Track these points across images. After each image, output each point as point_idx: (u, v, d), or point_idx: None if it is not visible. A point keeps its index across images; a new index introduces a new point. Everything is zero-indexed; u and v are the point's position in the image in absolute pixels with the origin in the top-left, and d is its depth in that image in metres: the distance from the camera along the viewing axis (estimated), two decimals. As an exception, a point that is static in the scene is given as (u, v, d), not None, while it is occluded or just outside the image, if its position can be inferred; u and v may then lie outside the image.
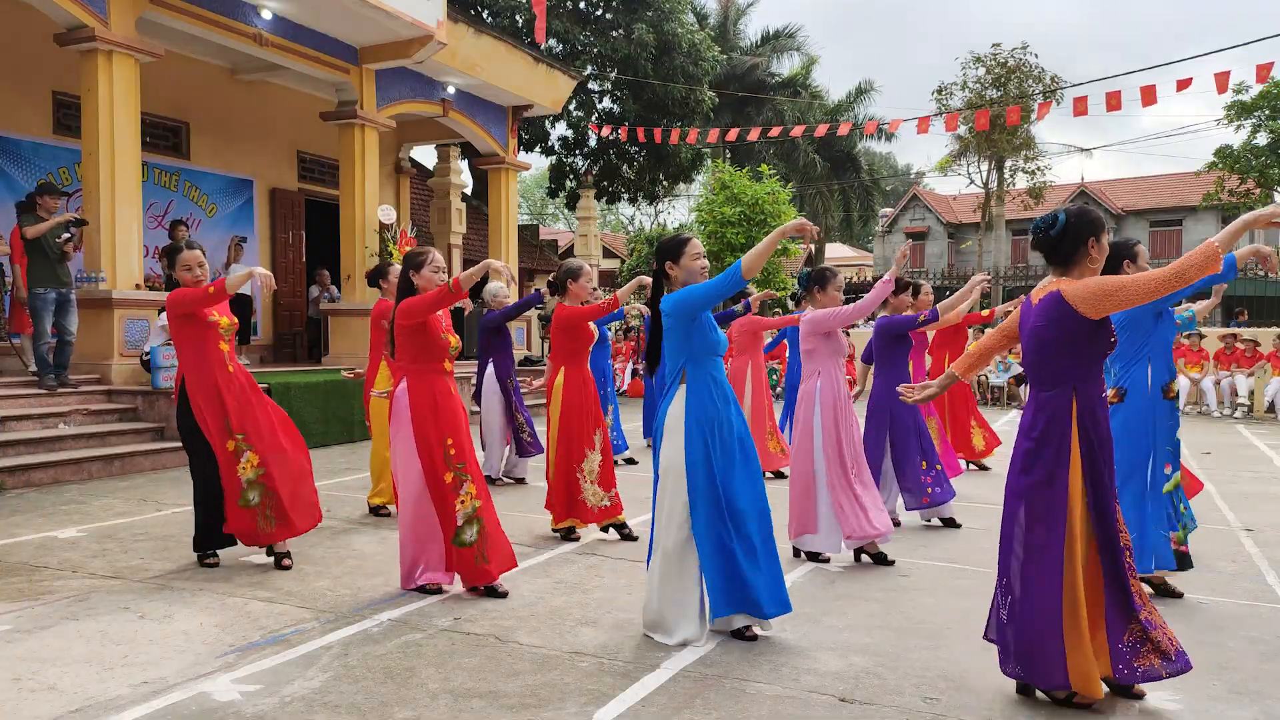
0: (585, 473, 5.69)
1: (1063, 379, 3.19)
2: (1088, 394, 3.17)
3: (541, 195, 47.61)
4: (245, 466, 4.98)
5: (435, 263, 4.56)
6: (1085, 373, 3.18)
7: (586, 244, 22.09)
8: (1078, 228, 3.17)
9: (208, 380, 4.96)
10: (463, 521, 4.44)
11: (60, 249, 8.75)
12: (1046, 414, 3.20)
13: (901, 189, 47.22)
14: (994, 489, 7.84)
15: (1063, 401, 3.17)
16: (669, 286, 4.05)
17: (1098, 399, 3.20)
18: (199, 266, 5.05)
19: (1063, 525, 3.14)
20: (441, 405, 4.48)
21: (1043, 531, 3.17)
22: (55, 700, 3.29)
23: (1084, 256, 3.18)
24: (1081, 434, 3.15)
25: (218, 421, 4.96)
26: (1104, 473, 3.18)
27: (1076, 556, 3.13)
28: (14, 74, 11.13)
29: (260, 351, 14.55)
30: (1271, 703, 3.34)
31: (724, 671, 3.59)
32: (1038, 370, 3.25)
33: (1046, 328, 3.17)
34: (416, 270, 4.55)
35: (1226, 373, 15.00)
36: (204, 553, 5.15)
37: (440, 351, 4.54)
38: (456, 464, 4.46)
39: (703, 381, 3.93)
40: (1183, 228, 36.80)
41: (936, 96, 25.63)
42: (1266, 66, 15.06)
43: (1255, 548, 5.77)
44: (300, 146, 15.31)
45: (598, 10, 23.52)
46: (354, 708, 3.23)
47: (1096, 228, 3.18)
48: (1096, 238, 3.18)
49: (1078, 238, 3.17)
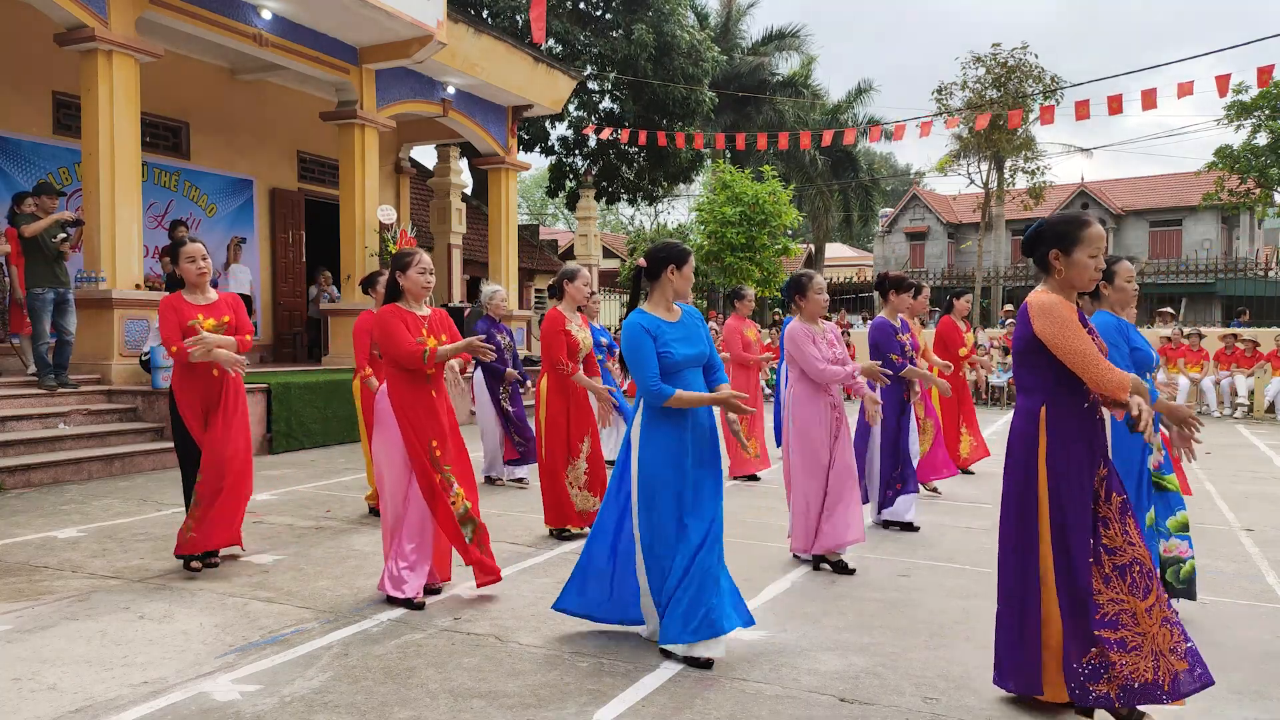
0: (570, 479, 5.72)
1: (1031, 388, 3.14)
2: (1058, 409, 3.06)
3: (541, 195, 47.60)
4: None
5: (421, 264, 4.46)
6: (1052, 386, 3.07)
7: (586, 244, 22.07)
8: (1041, 238, 3.10)
9: (194, 384, 4.98)
10: (460, 521, 4.43)
11: (57, 249, 8.75)
12: (1019, 420, 3.16)
13: (901, 189, 47.22)
14: (994, 489, 7.84)
15: (1033, 411, 3.11)
16: (648, 293, 3.93)
17: (1074, 415, 3.06)
18: (203, 259, 5.06)
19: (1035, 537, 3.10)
20: (424, 409, 4.37)
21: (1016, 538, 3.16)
22: (55, 700, 3.29)
23: (1049, 268, 3.08)
24: (1049, 451, 3.06)
25: (198, 425, 4.99)
26: (1074, 492, 3.03)
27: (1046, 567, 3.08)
28: (14, 74, 11.13)
29: (260, 351, 14.54)
30: (1271, 703, 3.34)
31: (724, 671, 3.59)
32: (1016, 376, 3.22)
33: (1018, 335, 3.14)
34: (403, 272, 4.44)
35: (1226, 373, 14.99)
36: (192, 557, 5.04)
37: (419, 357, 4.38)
38: (444, 465, 4.41)
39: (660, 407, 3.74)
40: (1182, 228, 36.78)
41: (936, 96, 25.62)
42: (1268, 69, 15.05)
43: (1255, 548, 5.77)
44: (300, 146, 15.31)
45: (598, 10, 23.52)
46: (354, 708, 3.23)
47: (1062, 240, 3.04)
48: (1062, 250, 3.03)
49: (1041, 248, 3.09)
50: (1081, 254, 3.02)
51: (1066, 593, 3.04)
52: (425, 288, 4.48)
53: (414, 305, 4.50)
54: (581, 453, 5.74)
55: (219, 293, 5.22)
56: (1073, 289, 3.09)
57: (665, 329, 3.81)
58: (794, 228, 19.37)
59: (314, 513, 6.64)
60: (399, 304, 4.47)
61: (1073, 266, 3.04)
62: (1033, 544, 3.11)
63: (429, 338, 4.40)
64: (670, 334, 3.80)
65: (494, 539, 5.83)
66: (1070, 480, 3.05)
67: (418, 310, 4.49)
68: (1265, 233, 40.00)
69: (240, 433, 5.10)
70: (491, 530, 6.08)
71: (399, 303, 4.48)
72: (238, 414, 5.10)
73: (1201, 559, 5.18)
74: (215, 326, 5.00)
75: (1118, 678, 2.93)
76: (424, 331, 4.41)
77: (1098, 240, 3.02)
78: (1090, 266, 3.02)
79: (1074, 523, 3.03)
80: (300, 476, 8.25)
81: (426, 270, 4.48)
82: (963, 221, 40.70)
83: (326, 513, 6.62)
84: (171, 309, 4.95)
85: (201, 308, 5.03)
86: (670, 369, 3.76)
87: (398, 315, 4.39)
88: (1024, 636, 3.16)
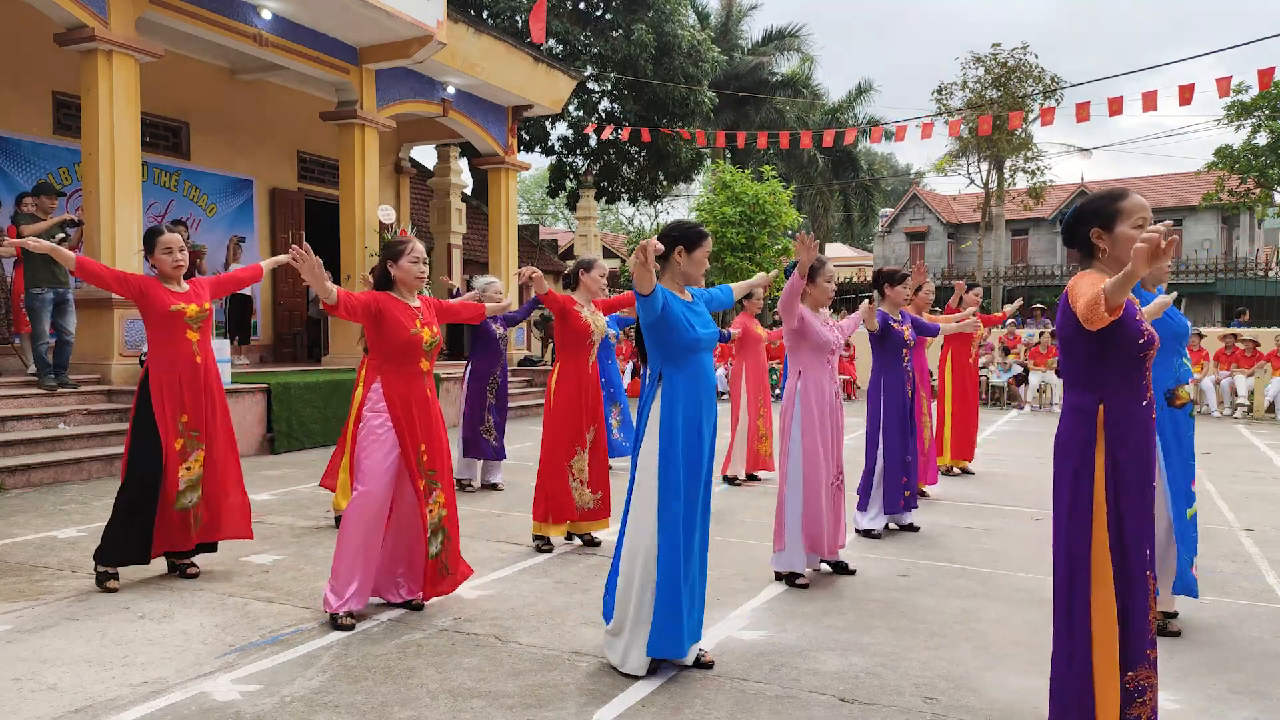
0: (575, 472, 5.55)
1: (1082, 383, 2.88)
2: (1115, 403, 2.82)
3: (541, 195, 47.61)
4: (193, 465, 4.80)
5: (414, 253, 4.28)
6: (1103, 379, 2.82)
7: (586, 244, 22.07)
8: (1081, 219, 2.94)
9: (172, 373, 4.76)
10: (430, 531, 4.24)
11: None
12: (1070, 421, 2.90)
13: (901, 189, 47.24)
14: (994, 490, 7.84)
15: (1086, 410, 2.84)
16: (663, 274, 3.79)
17: (1132, 410, 2.83)
18: (180, 250, 4.84)
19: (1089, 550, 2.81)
20: (417, 409, 4.23)
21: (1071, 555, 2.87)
22: (55, 700, 3.29)
23: (1094, 249, 2.89)
24: (1108, 449, 2.81)
25: (174, 416, 4.74)
26: (1136, 496, 2.82)
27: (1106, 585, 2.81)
28: (14, 74, 11.13)
29: (260, 351, 14.56)
30: (1271, 703, 3.34)
31: (724, 671, 3.59)
32: (1063, 370, 3.01)
33: (1060, 324, 2.94)
34: (395, 261, 4.28)
35: (1226, 373, 14.99)
36: (108, 570, 4.69)
37: (411, 349, 4.22)
38: (429, 470, 4.25)
39: (679, 384, 3.64)
40: (1182, 228, 36.80)
41: (936, 97, 25.64)
42: (1268, 70, 15.05)
43: (1255, 548, 5.77)
44: (300, 146, 15.32)
45: (598, 10, 23.52)
46: (354, 708, 3.23)
47: (1101, 216, 2.86)
48: (1103, 227, 2.85)
49: (1081, 229, 2.93)
50: (1125, 226, 2.82)
51: (1122, 609, 2.80)
52: (418, 278, 4.31)
53: (405, 295, 4.34)
54: (587, 443, 5.60)
55: (189, 281, 5.00)
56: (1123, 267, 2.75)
57: (685, 307, 3.71)
58: (794, 228, 19.35)
59: (314, 513, 6.64)
60: (391, 293, 4.31)
61: (1118, 242, 2.83)
62: (1086, 559, 2.82)
63: (423, 328, 4.26)
64: (690, 312, 3.70)
65: (493, 539, 5.85)
66: (1131, 486, 2.81)
67: (409, 300, 4.34)
68: (1265, 233, 40.00)
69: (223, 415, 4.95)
70: (490, 530, 6.11)
71: (391, 292, 4.32)
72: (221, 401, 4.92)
73: (1202, 559, 5.18)
74: (198, 312, 4.84)
75: (1150, 701, 2.80)
76: (418, 323, 4.25)
77: (1139, 210, 2.82)
78: (1137, 239, 2.70)
79: (1133, 533, 2.80)
80: (300, 476, 8.25)
81: (420, 259, 4.31)
82: (963, 221, 40.73)
83: (326, 513, 6.62)
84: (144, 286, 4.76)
85: (180, 295, 4.84)
86: (689, 347, 3.65)
87: (390, 301, 4.24)
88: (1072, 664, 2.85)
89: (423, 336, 4.24)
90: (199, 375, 4.85)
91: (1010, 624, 4.18)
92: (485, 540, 5.81)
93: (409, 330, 4.20)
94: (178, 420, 4.77)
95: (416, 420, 4.23)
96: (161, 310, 4.76)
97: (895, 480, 6.00)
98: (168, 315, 4.77)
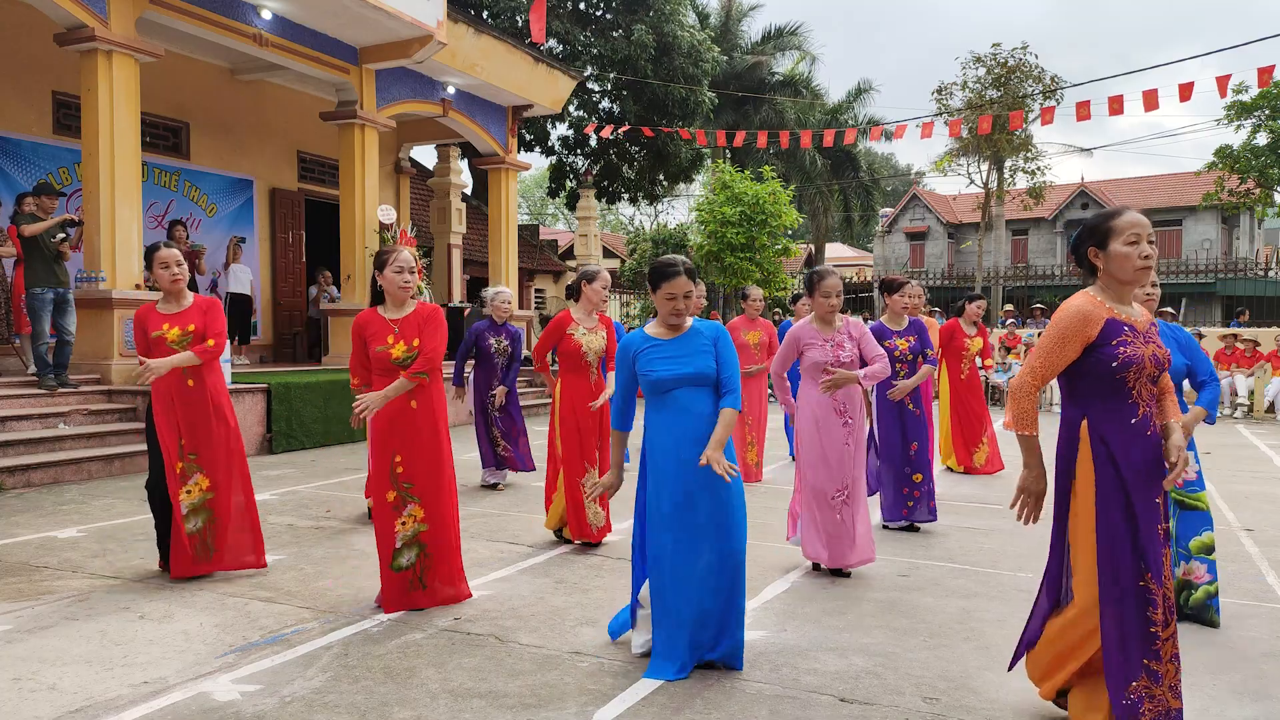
0: (585, 489, 5.48)
1: (1067, 398, 3.03)
2: (1100, 419, 2.92)
3: (541, 195, 47.62)
4: (193, 489, 4.80)
5: (398, 262, 4.26)
6: (1084, 396, 2.95)
7: (586, 244, 22.06)
8: (1079, 236, 3.06)
9: (165, 395, 4.78)
10: (401, 544, 4.25)
11: (56, 249, 8.76)
12: (1061, 430, 3.03)
13: (901, 189, 47.23)
14: (994, 491, 7.84)
15: (1073, 422, 2.98)
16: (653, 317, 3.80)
17: (1122, 425, 2.90)
18: (177, 265, 4.84)
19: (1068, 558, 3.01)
20: (396, 420, 4.25)
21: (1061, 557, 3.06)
22: (55, 700, 3.29)
23: (1093, 267, 3.00)
24: (1097, 463, 2.90)
25: (171, 438, 4.77)
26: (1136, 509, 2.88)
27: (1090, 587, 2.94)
28: (14, 74, 11.13)
29: (260, 351, 14.55)
30: (1271, 703, 3.34)
31: (724, 671, 3.59)
32: (1058, 382, 3.10)
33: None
34: (380, 270, 4.29)
35: (1226, 373, 14.99)
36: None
37: (384, 364, 4.26)
38: (403, 483, 4.24)
39: (659, 422, 3.64)
40: (1182, 228, 36.79)
41: (936, 97, 25.63)
42: (1268, 69, 15.05)
43: (1255, 548, 5.77)
44: (300, 146, 15.31)
45: (598, 10, 23.52)
46: (354, 708, 3.23)
47: (1095, 235, 2.96)
48: (1098, 245, 2.95)
49: (1082, 249, 3.04)
50: (1117, 244, 2.90)
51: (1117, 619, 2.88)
52: (403, 288, 4.28)
53: (391, 308, 4.36)
54: (595, 461, 5.54)
55: (196, 297, 5.00)
56: (1120, 284, 2.95)
57: (651, 348, 3.64)
58: (794, 228, 19.33)
59: (314, 513, 6.64)
60: (379, 309, 4.38)
61: (1112, 259, 2.92)
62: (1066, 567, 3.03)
63: (396, 343, 4.25)
64: (656, 353, 3.63)
65: (494, 539, 5.85)
66: (1125, 501, 2.89)
67: (393, 314, 4.34)
68: (1265, 233, 40.02)
69: (233, 438, 4.92)
70: (491, 530, 6.11)
71: (380, 307, 4.39)
72: (222, 422, 4.89)
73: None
74: (180, 336, 4.79)
75: (1151, 712, 2.87)
76: (390, 339, 4.26)
77: (1130, 227, 2.89)
78: (1131, 255, 2.87)
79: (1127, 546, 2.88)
80: (300, 476, 8.25)
81: (404, 269, 4.28)
82: (963, 221, 40.71)
83: (326, 513, 6.62)
84: (139, 324, 4.83)
85: (169, 317, 4.83)
86: (655, 388, 3.62)
87: (371, 321, 4.34)
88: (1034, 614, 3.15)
89: (392, 353, 4.26)
90: (191, 397, 4.83)
91: (1010, 624, 4.18)
92: (485, 540, 5.81)
93: (377, 347, 4.29)
94: (176, 442, 4.81)
95: (394, 431, 4.28)
96: (147, 335, 4.83)
97: (896, 490, 6.10)
98: (151, 341, 4.81)
